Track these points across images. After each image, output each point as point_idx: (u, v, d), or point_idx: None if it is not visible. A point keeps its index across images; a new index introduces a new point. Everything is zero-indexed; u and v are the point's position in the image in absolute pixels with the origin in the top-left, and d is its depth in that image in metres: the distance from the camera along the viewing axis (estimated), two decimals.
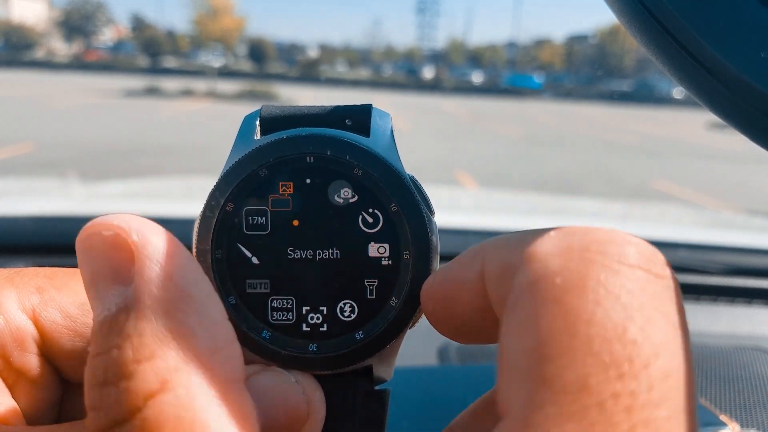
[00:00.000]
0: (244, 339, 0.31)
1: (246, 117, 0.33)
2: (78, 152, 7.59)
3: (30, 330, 0.29)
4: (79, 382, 0.31)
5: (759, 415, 0.75)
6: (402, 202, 0.30)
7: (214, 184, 0.30)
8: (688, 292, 1.18)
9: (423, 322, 0.32)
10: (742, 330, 1.01)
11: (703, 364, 0.85)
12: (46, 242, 1.14)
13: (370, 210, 0.30)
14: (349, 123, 0.32)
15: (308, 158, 0.30)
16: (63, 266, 0.32)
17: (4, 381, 0.28)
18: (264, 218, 0.31)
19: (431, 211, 0.31)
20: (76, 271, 0.31)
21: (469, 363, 0.86)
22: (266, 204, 0.30)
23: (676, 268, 1.35)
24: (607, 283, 0.20)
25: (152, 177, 4.32)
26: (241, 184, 0.30)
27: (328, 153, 0.30)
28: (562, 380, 0.19)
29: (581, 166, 9.07)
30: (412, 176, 0.31)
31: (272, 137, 0.31)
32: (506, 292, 0.22)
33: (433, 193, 0.32)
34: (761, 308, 1.12)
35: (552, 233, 0.23)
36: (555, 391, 0.19)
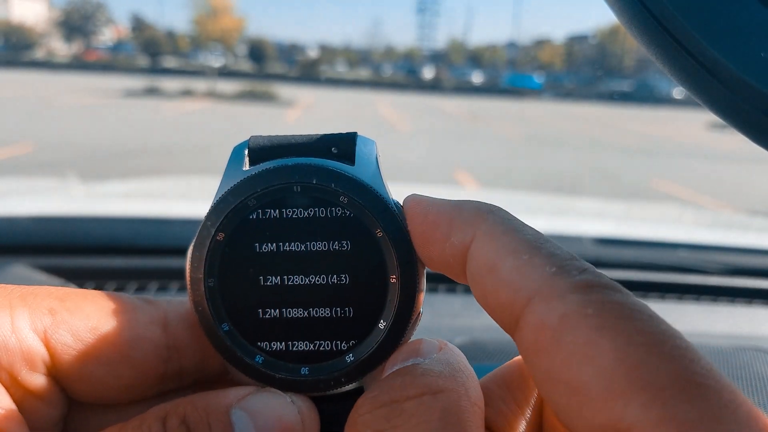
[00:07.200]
0: (238, 363, 0.32)
1: (235, 147, 0.34)
2: (78, 152, 7.59)
3: (40, 351, 0.29)
4: (84, 401, 0.32)
5: None
6: (387, 227, 0.31)
7: (205, 214, 0.31)
8: (688, 292, 1.18)
9: (422, 324, 0.33)
10: (742, 330, 1.01)
11: None
12: (45, 242, 1.14)
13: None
14: (335, 151, 0.33)
15: (295, 187, 0.31)
16: (63, 266, 0.32)
17: (12, 397, 0.29)
18: (254, 247, 0.32)
19: None
20: (88, 292, 0.32)
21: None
22: (256, 233, 0.31)
23: (677, 268, 1.35)
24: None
25: (152, 177, 4.32)
26: (231, 215, 0.31)
27: (314, 182, 0.31)
28: (687, 355, 0.22)
29: (581, 165, 9.07)
30: (397, 202, 0.32)
31: (259, 168, 0.32)
32: (517, 318, 0.25)
33: (434, 192, 0.32)
34: (761, 308, 1.12)
35: (544, 270, 0.25)
36: (684, 365, 0.21)
